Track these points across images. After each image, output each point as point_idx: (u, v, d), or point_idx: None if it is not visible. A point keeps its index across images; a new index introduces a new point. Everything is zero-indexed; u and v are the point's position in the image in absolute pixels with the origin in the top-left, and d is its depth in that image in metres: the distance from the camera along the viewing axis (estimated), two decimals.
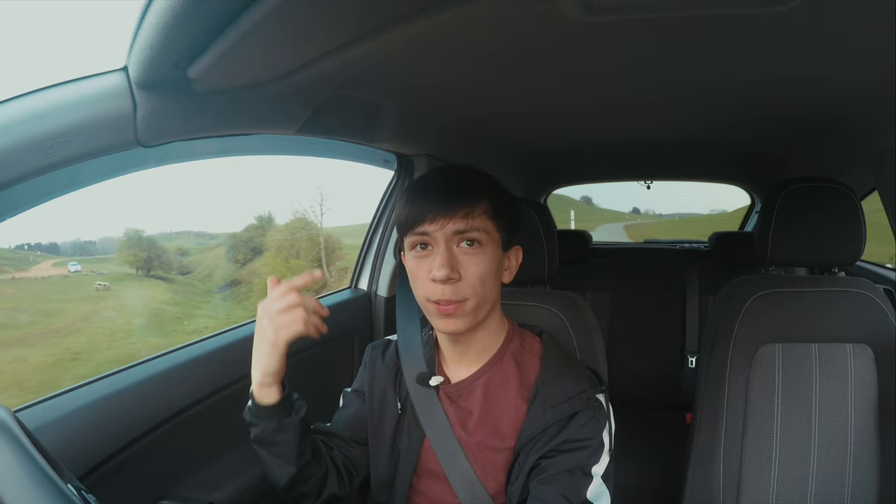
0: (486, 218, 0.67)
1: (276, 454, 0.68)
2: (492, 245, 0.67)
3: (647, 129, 1.20)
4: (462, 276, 0.65)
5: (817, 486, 0.93)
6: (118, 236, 5.58)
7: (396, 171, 1.31)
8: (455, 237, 0.65)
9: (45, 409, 0.66)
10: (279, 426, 0.67)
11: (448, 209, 0.65)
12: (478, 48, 0.65)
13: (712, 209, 2.72)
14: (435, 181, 0.70)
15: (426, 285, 0.66)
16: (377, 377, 0.79)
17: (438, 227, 0.65)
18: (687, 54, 0.69)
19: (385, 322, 1.32)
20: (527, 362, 0.74)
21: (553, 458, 0.67)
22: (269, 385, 0.66)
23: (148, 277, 5.54)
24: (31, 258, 4.75)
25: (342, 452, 0.77)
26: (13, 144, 0.52)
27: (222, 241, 6.90)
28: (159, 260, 5.68)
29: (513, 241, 0.72)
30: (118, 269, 5.44)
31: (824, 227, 0.97)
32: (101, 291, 5.00)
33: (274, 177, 7.69)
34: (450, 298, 0.65)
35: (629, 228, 19.17)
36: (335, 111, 0.83)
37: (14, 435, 0.41)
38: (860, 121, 1.00)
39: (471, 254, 0.66)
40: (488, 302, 0.68)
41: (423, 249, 0.67)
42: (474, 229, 0.65)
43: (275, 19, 0.47)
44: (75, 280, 5.04)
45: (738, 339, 0.97)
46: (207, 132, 0.70)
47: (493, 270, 0.67)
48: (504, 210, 0.69)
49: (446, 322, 0.67)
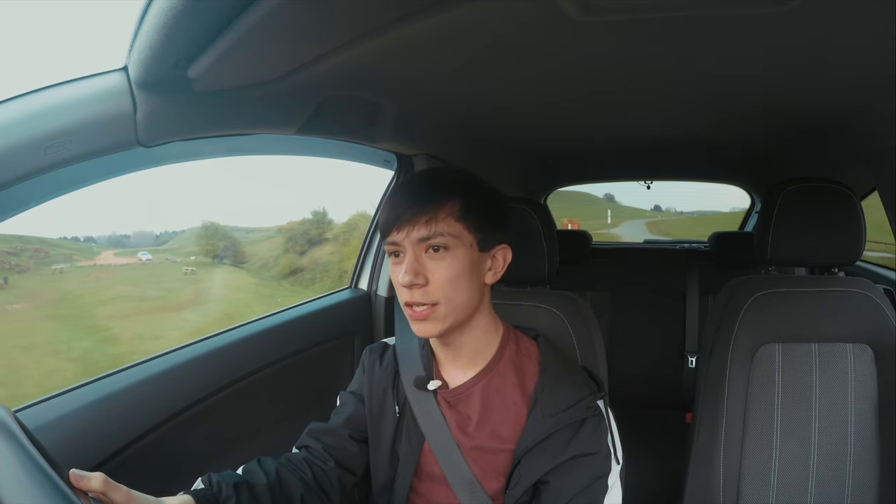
0: (454, 220, 0.66)
1: None
2: (461, 248, 0.66)
3: (647, 128, 1.20)
4: (430, 281, 0.65)
5: (817, 486, 0.93)
6: (150, 230, 6.09)
7: (396, 171, 1.31)
8: (421, 244, 0.65)
9: (45, 409, 0.66)
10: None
11: (411, 216, 0.65)
12: (477, 48, 0.65)
13: (733, 207, 2.78)
14: (404, 188, 0.70)
15: (400, 290, 0.67)
16: (375, 381, 0.78)
17: (405, 235, 0.65)
18: (686, 54, 0.69)
19: (385, 322, 1.32)
20: (525, 367, 0.73)
21: (563, 478, 0.67)
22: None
23: (221, 265, 5.99)
24: (95, 248, 5.09)
25: (341, 453, 0.77)
26: (13, 144, 0.52)
27: (270, 235, 7.30)
28: (233, 249, 6.20)
29: (494, 240, 0.70)
30: (184, 259, 5.81)
31: (824, 227, 0.97)
32: (190, 276, 5.43)
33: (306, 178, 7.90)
34: (419, 301, 0.65)
35: (650, 225, 19.46)
36: (335, 111, 0.83)
37: (14, 435, 0.41)
38: (860, 121, 1.00)
39: (437, 258, 0.65)
40: (465, 305, 0.68)
41: (396, 257, 0.68)
42: (438, 234, 0.65)
43: (274, 19, 0.47)
44: (159, 266, 5.47)
45: (738, 339, 0.97)
46: (207, 132, 0.70)
47: (465, 273, 0.66)
48: (476, 209, 0.68)
49: (419, 326, 0.67)
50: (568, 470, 0.67)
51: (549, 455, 0.67)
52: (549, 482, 0.67)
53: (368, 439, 0.77)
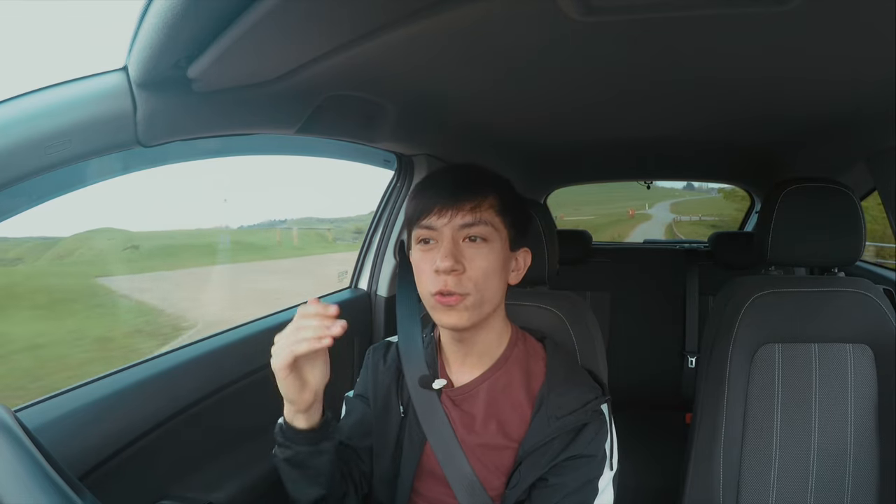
0: (494, 213, 0.67)
1: (307, 476, 0.65)
2: (499, 241, 0.67)
3: (648, 128, 1.20)
4: (466, 269, 0.65)
5: (817, 486, 0.93)
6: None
7: (396, 171, 1.31)
8: (461, 231, 0.65)
9: (45, 408, 0.66)
10: (314, 450, 0.64)
11: (456, 201, 0.65)
12: (478, 48, 0.65)
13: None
14: (445, 176, 0.71)
15: (430, 277, 0.66)
16: (379, 380, 0.78)
17: (446, 221, 0.65)
18: (687, 54, 0.69)
19: (385, 322, 1.32)
20: (531, 368, 0.73)
21: (560, 476, 0.67)
22: (294, 412, 0.63)
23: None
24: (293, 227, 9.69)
25: (356, 466, 0.76)
26: (13, 144, 0.52)
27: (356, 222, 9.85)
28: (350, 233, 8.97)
29: (521, 242, 0.72)
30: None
31: (824, 227, 0.97)
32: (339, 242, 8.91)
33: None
34: (451, 289, 0.64)
35: (674, 206, 20.29)
36: (335, 111, 0.83)
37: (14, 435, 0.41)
38: (860, 121, 1.00)
39: (476, 247, 0.66)
40: (491, 300, 0.68)
41: (427, 244, 0.67)
42: (481, 222, 0.65)
43: (275, 19, 0.47)
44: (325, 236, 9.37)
45: (738, 339, 0.97)
46: (207, 132, 0.70)
47: (499, 268, 0.67)
48: (512, 208, 0.69)
49: (448, 314, 0.66)
50: (565, 469, 0.67)
51: (550, 455, 0.67)
52: (547, 479, 0.68)
53: (373, 438, 0.77)
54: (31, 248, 3.94)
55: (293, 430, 0.63)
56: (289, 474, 0.66)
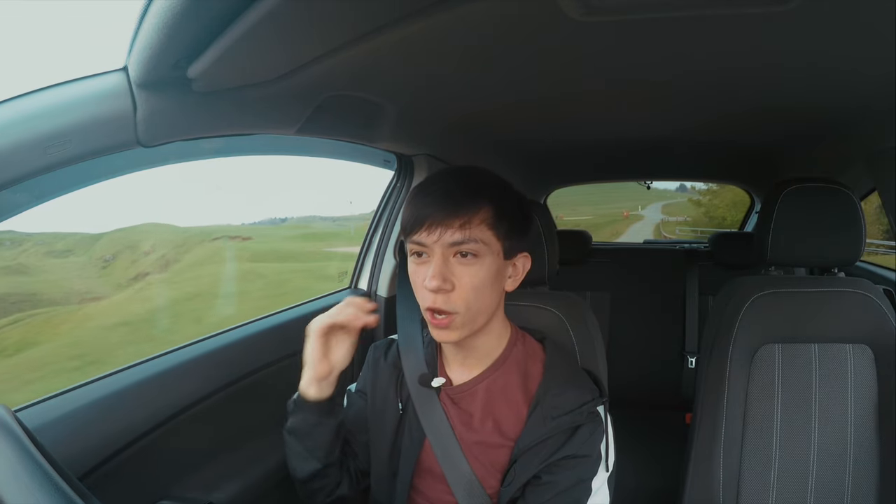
0: (486, 227, 0.65)
1: (307, 447, 0.71)
2: (490, 256, 0.66)
3: (647, 128, 1.20)
4: (455, 287, 0.64)
5: (817, 486, 0.93)
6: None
7: (396, 171, 1.31)
8: (451, 248, 0.64)
9: (45, 408, 0.66)
10: (318, 422, 0.70)
11: (444, 218, 0.63)
12: (478, 48, 0.65)
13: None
14: (436, 186, 0.68)
15: (422, 292, 0.66)
16: (379, 377, 0.79)
17: (435, 238, 0.64)
18: (687, 54, 0.69)
19: (385, 322, 1.32)
20: (529, 368, 0.74)
21: (553, 475, 0.67)
22: (309, 381, 0.70)
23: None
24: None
25: (352, 459, 0.78)
26: (13, 144, 0.51)
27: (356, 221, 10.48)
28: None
29: (518, 248, 0.70)
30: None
31: (824, 227, 0.97)
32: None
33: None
34: (440, 308, 0.64)
35: (665, 207, 21.33)
36: (335, 111, 0.83)
37: (14, 435, 0.41)
38: (860, 121, 1.00)
39: (466, 264, 0.65)
40: (485, 311, 0.68)
41: (420, 257, 0.67)
42: (471, 240, 0.64)
43: (275, 19, 0.47)
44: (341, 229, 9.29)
45: (738, 339, 0.97)
46: (207, 132, 0.70)
47: (490, 281, 0.66)
48: (507, 216, 0.67)
49: (439, 333, 0.67)
50: (559, 468, 0.68)
51: (544, 454, 0.68)
52: (540, 476, 0.68)
53: (370, 435, 0.78)
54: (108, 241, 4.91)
55: (304, 400, 0.70)
56: (293, 447, 0.72)
